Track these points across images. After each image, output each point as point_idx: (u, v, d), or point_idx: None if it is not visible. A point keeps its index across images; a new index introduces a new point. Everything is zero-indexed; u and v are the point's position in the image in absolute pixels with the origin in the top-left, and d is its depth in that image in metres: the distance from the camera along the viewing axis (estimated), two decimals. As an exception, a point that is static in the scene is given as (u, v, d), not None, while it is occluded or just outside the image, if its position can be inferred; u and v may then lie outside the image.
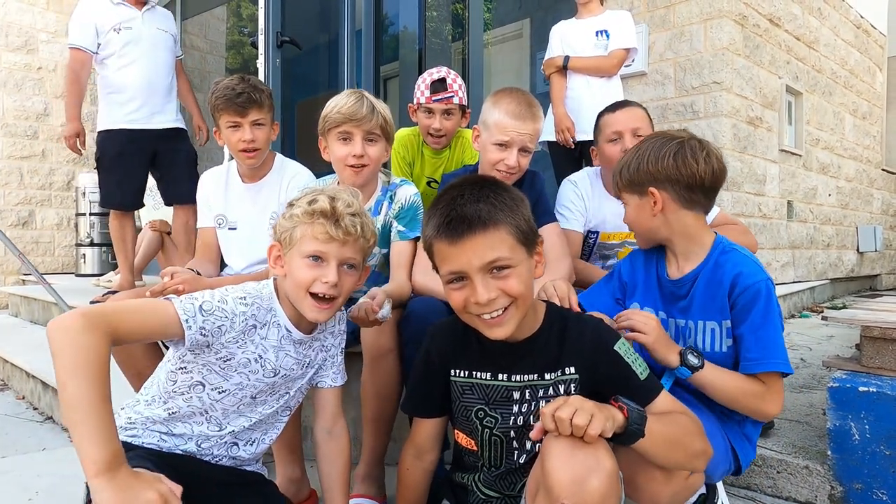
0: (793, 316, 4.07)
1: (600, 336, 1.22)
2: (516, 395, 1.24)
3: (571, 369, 1.22)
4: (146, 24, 3.18)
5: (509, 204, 1.15)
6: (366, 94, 1.82)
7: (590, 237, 2.19)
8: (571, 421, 0.97)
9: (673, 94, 3.65)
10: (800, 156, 4.43)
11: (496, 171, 1.78)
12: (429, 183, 2.65)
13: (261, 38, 3.82)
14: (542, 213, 1.85)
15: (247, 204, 2.11)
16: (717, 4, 3.47)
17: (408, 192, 1.90)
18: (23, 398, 3.02)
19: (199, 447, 1.29)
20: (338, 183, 1.90)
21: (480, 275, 1.12)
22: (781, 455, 1.74)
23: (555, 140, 2.98)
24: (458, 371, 1.29)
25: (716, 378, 1.34)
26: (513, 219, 1.14)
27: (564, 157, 3.03)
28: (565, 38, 3.03)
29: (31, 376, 2.90)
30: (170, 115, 3.27)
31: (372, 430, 1.71)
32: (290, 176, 2.11)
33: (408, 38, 4.13)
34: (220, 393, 1.27)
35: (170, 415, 1.26)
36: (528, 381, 1.23)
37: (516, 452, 1.27)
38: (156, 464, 1.06)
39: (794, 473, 1.71)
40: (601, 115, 2.10)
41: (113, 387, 0.99)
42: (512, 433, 1.25)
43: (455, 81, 2.47)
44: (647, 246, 1.54)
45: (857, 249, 5.43)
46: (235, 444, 1.34)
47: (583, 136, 2.82)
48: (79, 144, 3.18)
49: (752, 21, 3.73)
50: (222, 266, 2.19)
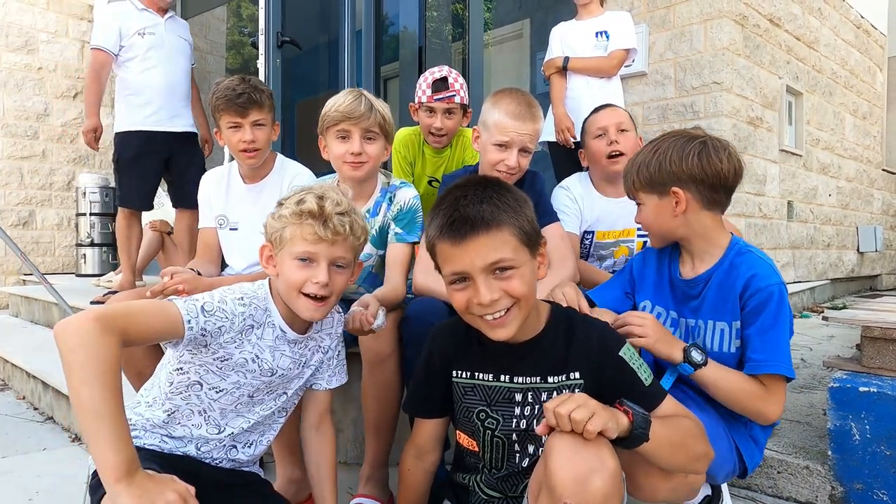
0: (793, 316, 4.06)
1: (606, 341, 1.22)
2: (518, 397, 1.23)
3: (576, 374, 1.21)
4: (168, 31, 3.34)
5: (513, 205, 1.14)
6: (364, 92, 1.82)
7: (586, 238, 2.21)
8: (571, 416, 0.97)
9: (673, 94, 3.65)
10: (800, 156, 4.43)
11: (496, 171, 1.78)
12: (430, 182, 2.66)
13: (261, 38, 3.83)
14: (543, 214, 1.84)
15: (247, 204, 2.11)
16: (718, 5, 3.47)
17: (407, 195, 1.89)
18: (23, 398, 3.02)
19: (199, 450, 1.29)
20: (338, 182, 1.90)
21: (483, 275, 1.12)
22: (782, 455, 1.74)
23: (555, 140, 2.98)
24: (459, 372, 1.29)
25: (719, 376, 1.34)
26: (516, 220, 1.13)
27: (564, 157, 3.02)
28: (565, 40, 3.04)
29: (31, 376, 2.90)
30: (187, 118, 3.39)
31: (374, 433, 1.71)
32: (291, 176, 2.11)
33: (408, 38, 4.13)
34: (217, 392, 1.27)
35: (169, 416, 1.26)
36: (531, 383, 1.23)
37: (518, 455, 1.26)
38: (161, 465, 1.06)
39: (794, 474, 1.71)
40: (586, 118, 2.26)
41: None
42: (514, 436, 1.25)
43: (456, 81, 2.47)
44: (662, 245, 1.51)
45: (858, 249, 5.43)
46: (234, 446, 1.34)
47: (583, 136, 2.83)
48: (94, 140, 3.29)
49: (753, 21, 3.72)
50: (223, 266, 2.19)
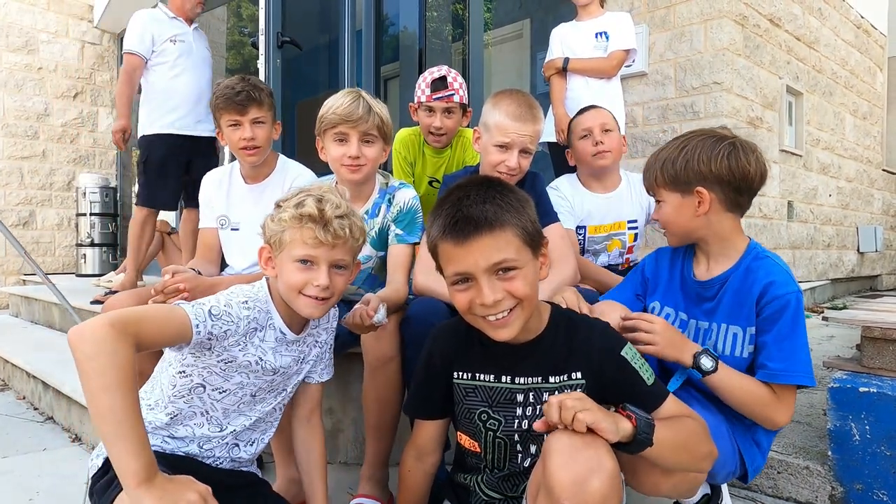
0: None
1: (608, 341, 1.21)
2: (520, 398, 1.23)
3: (578, 374, 1.21)
4: (195, 40, 3.52)
5: (515, 205, 1.14)
6: (363, 93, 1.79)
7: (578, 233, 2.24)
8: (563, 403, 0.97)
9: (673, 94, 3.65)
10: (800, 156, 4.43)
11: (497, 172, 1.77)
12: (430, 182, 2.66)
13: (261, 38, 3.83)
14: (543, 214, 1.84)
15: (249, 205, 2.11)
16: (718, 5, 3.47)
17: (406, 196, 1.88)
18: (23, 398, 3.02)
19: (202, 448, 1.29)
20: (335, 183, 1.90)
21: (486, 276, 1.11)
22: (782, 455, 1.74)
23: (555, 141, 2.98)
24: (460, 373, 1.28)
25: (732, 382, 1.32)
26: (519, 220, 1.13)
27: (564, 158, 3.02)
28: (565, 41, 3.04)
29: (31, 377, 2.90)
30: (209, 124, 3.47)
31: (374, 434, 1.70)
32: (293, 177, 2.11)
33: (408, 38, 4.13)
34: (220, 393, 1.27)
35: (171, 419, 1.26)
36: (532, 384, 1.22)
37: (520, 455, 1.26)
38: (164, 466, 1.07)
39: (794, 474, 1.71)
40: (571, 120, 2.37)
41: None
42: (516, 436, 1.25)
43: (456, 80, 2.47)
44: (679, 244, 1.49)
45: (858, 250, 5.42)
46: (236, 444, 1.34)
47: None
48: (123, 141, 3.40)
49: (753, 21, 3.72)
50: (222, 267, 2.19)
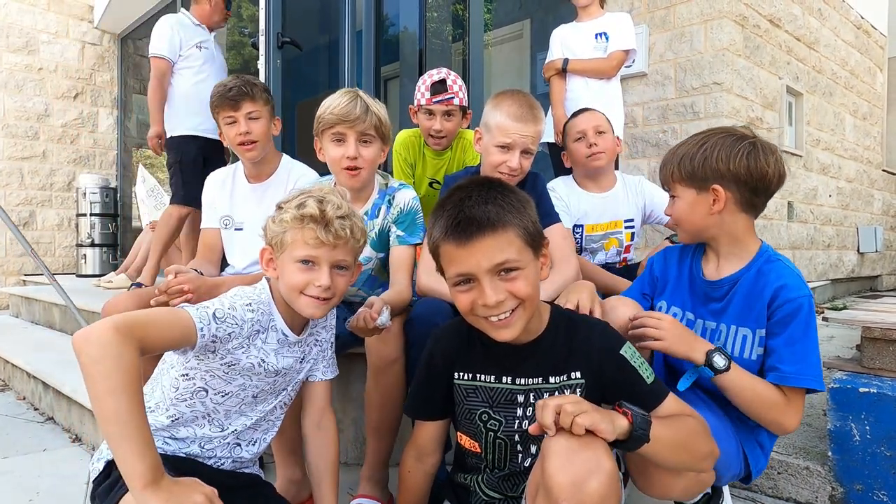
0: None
1: (607, 340, 1.22)
2: (520, 399, 1.23)
3: (577, 374, 1.21)
4: (216, 48, 3.63)
5: (517, 206, 1.14)
6: (360, 93, 1.78)
7: (575, 232, 2.24)
8: (562, 408, 0.97)
9: (673, 94, 3.65)
10: (800, 156, 4.43)
11: (498, 173, 1.77)
12: (431, 184, 2.66)
13: (261, 38, 3.82)
14: (544, 215, 1.84)
15: (252, 204, 2.11)
16: (718, 5, 3.47)
17: (406, 196, 1.87)
18: (23, 399, 3.02)
19: (203, 449, 1.29)
20: (335, 184, 1.90)
21: (489, 277, 1.11)
22: (782, 456, 1.74)
23: (555, 142, 2.98)
24: (461, 374, 1.29)
25: (742, 382, 1.30)
26: (520, 220, 1.13)
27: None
28: (565, 42, 3.05)
29: (31, 377, 2.90)
30: None
31: (376, 435, 1.70)
32: (297, 177, 2.11)
33: (408, 38, 4.13)
34: (223, 396, 1.27)
35: (172, 421, 1.26)
36: (533, 384, 1.23)
37: (520, 456, 1.27)
38: (165, 468, 1.07)
39: (794, 474, 1.71)
40: (566, 123, 2.37)
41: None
42: (516, 437, 1.25)
43: (455, 82, 2.47)
44: (690, 241, 1.48)
45: (858, 250, 5.42)
46: (238, 444, 1.34)
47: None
48: (160, 147, 3.46)
49: (753, 22, 3.73)
50: (222, 267, 2.19)
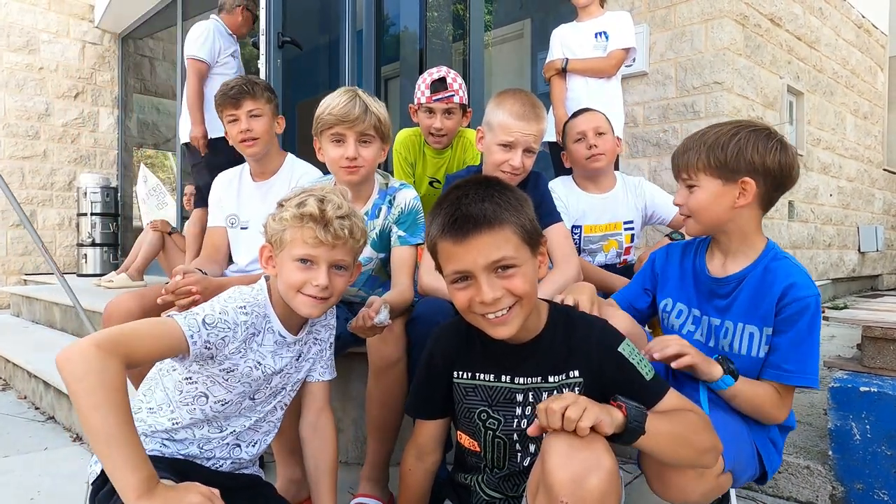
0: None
1: (606, 338, 1.22)
2: (519, 398, 1.23)
3: (576, 373, 1.21)
4: (240, 57, 3.74)
5: (514, 204, 1.15)
6: (359, 92, 1.76)
7: (574, 232, 2.24)
8: (564, 414, 0.97)
9: (674, 94, 3.65)
10: (801, 156, 4.43)
11: (501, 171, 1.77)
12: (431, 183, 2.66)
13: (262, 38, 3.82)
14: (546, 214, 1.84)
15: (256, 202, 2.12)
16: (718, 4, 3.47)
17: (407, 196, 1.86)
18: (24, 398, 3.03)
19: (202, 449, 1.29)
20: (334, 183, 1.90)
21: (486, 274, 1.12)
22: (783, 455, 1.74)
23: (555, 141, 2.98)
24: (460, 372, 1.29)
25: (751, 389, 1.32)
26: (517, 218, 1.14)
27: (564, 158, 3.03)
28: (565, 42, 3.05)
29: (32, 376, 2.91)
30: None
31: (376, 435, 1.70)
32: (299, 175, 2.12)
33: (408, 38, 4.13)
34: (223, 405, 1.28)
35: (173, 425, 1.26)
36: (532, 383, 1.23)
37: (520, 455, 1.27)
38: (164, 470, 1.07)
39: (795, 474, 1.71)
40: (566, 123, 2.38)
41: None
42: (515, 436, 1.25)
43: (455, 81, 2.47)
44: (701, 234, 1.45)
45: (859, 249, 5.42)
46: (238, 445, 1.34)
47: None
48: (204, 147, 3.47)
49: (753, 21, 3.72)
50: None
